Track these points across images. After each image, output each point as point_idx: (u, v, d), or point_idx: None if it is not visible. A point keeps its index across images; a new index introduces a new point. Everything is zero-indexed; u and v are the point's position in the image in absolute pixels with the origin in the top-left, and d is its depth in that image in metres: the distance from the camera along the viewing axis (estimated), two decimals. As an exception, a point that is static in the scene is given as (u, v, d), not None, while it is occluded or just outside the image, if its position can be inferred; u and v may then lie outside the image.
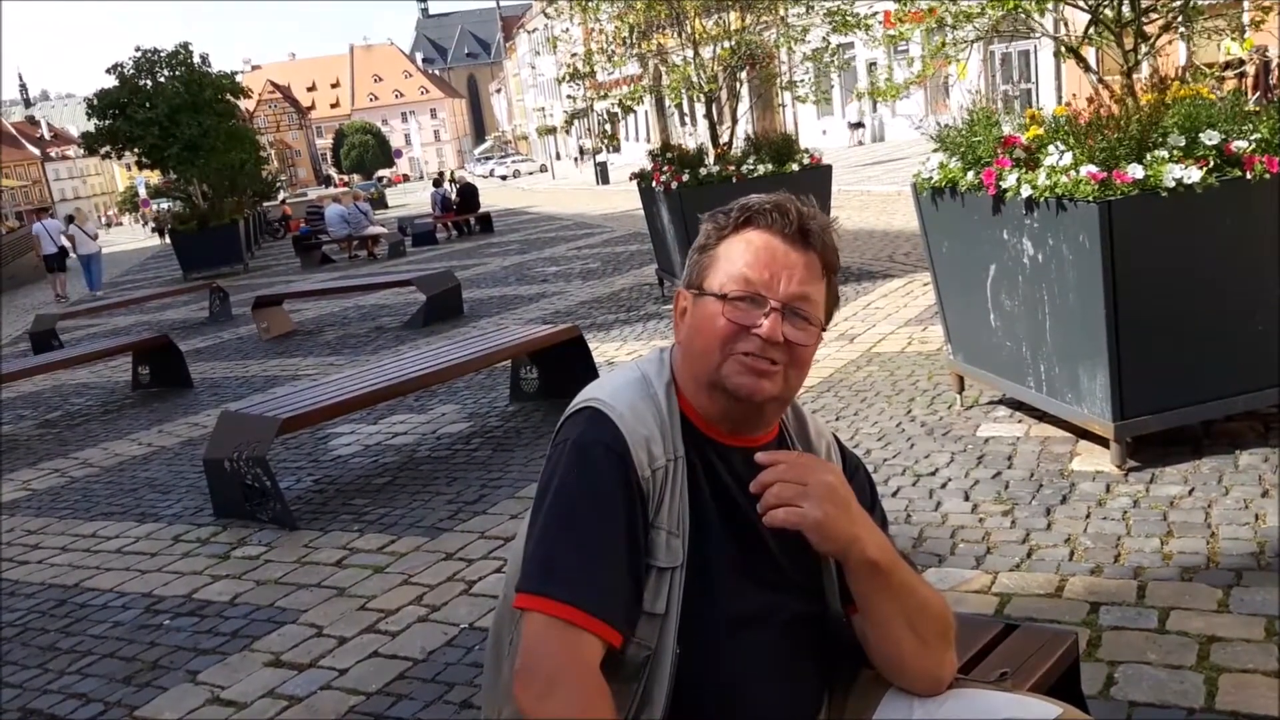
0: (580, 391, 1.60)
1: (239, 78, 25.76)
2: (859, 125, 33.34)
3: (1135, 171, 3.72)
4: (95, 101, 22.75)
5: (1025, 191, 4.02)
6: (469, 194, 23.83)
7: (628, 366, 1.63)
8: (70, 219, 23.09)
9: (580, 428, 1.51)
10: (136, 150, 23.13)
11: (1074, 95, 4.39)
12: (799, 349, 1.50)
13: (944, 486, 4.26)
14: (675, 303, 1.60)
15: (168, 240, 23.31)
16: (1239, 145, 3.79)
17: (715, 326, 1.49)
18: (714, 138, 10.18)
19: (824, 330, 1.54)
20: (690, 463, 1.53)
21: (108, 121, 22.64)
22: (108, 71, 22.67)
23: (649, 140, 43.94)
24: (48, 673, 3.73)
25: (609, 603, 1.41)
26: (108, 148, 23.21)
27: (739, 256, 1.50)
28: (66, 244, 21.97)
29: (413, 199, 51.27)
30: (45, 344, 11.75)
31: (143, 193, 62.53)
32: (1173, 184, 3.70)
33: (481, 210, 23.85)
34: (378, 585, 4.07)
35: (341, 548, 4.54)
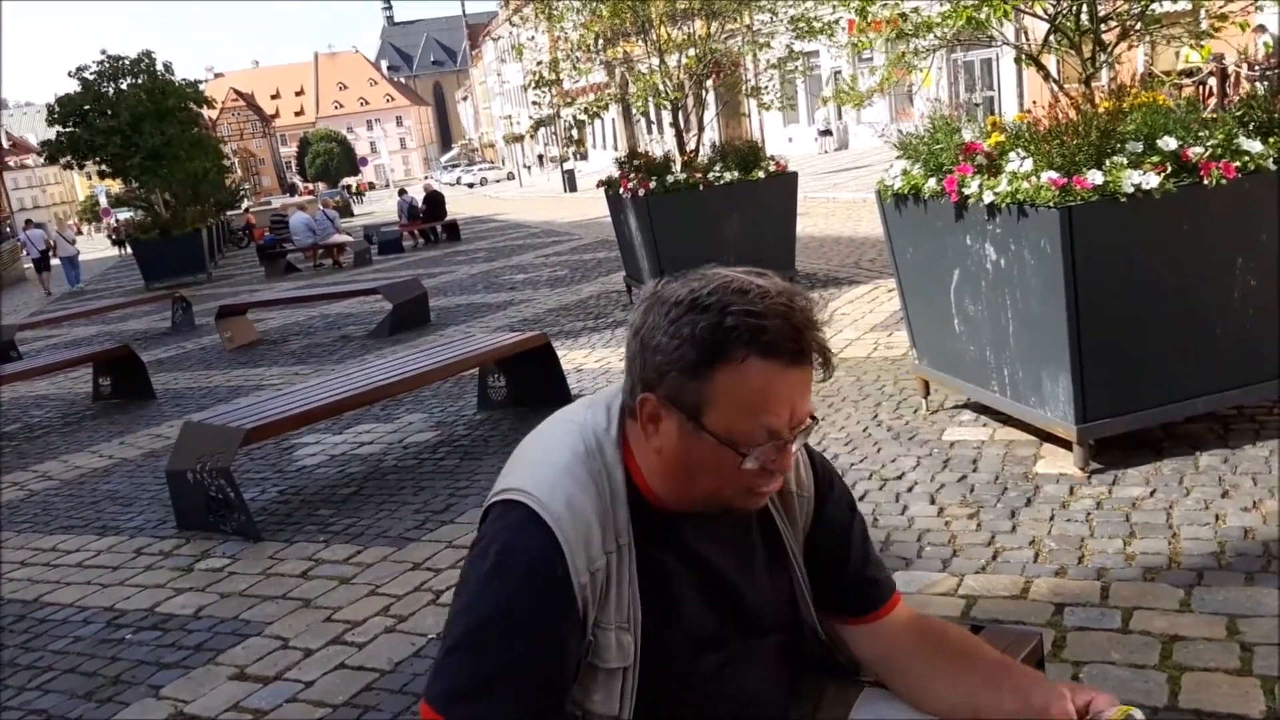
0: (515, 454, 1.46)
1: (202, 86, 25.64)
2: (827, 133, 33.51)
3: (1095, 177, 3.76)
4: (56, 109, 22.48)
5: (987, 198, 4.06)
6: (436, 202, 23.73)
7: (569, 430, 1.42)
8: (41, 225, 27.99)
9: (508, 533, 1.34)
10: (98, 159, 22.90)
11: (1034, 102, 4.44)
12: None
13: (910, 490, 4.29)
14: (641, 406, 1.35)
15: (128, 250, 23.74)
16: (1195, 151, 3.84)
17: (729, 472, 1.33)
18: (680, 145, 10.20)
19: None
20: (639, 543, 1.38)
21: (69, 129, 22.38)
22: (70, 75, 22.43)
23: (616, 148, 43.98)
24: (7, 688, 3.67)
25: None
26: (69, 157, 22.95)
27: (750, 399, 1.29)
28: (48, 249, 26.37)
29: (378, 206, 50.95)
30: (3, 355, 11.58)
31: (104, 202, 61.89)
32: (1131, 189, 3.75)
33: (448, 218, 23.78)
34: (344, 596, 4.04)
35: (307, 559, 4.50)
